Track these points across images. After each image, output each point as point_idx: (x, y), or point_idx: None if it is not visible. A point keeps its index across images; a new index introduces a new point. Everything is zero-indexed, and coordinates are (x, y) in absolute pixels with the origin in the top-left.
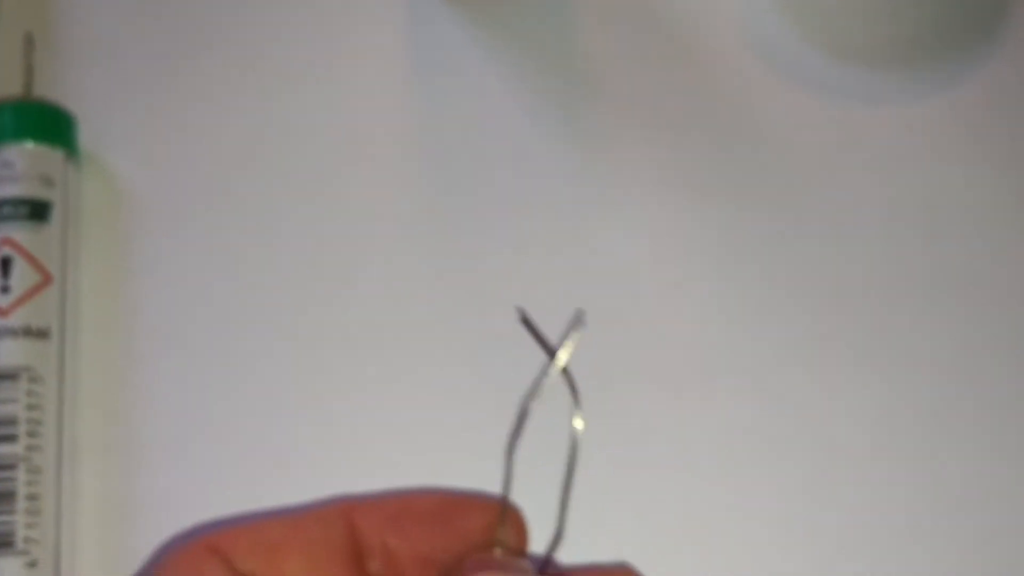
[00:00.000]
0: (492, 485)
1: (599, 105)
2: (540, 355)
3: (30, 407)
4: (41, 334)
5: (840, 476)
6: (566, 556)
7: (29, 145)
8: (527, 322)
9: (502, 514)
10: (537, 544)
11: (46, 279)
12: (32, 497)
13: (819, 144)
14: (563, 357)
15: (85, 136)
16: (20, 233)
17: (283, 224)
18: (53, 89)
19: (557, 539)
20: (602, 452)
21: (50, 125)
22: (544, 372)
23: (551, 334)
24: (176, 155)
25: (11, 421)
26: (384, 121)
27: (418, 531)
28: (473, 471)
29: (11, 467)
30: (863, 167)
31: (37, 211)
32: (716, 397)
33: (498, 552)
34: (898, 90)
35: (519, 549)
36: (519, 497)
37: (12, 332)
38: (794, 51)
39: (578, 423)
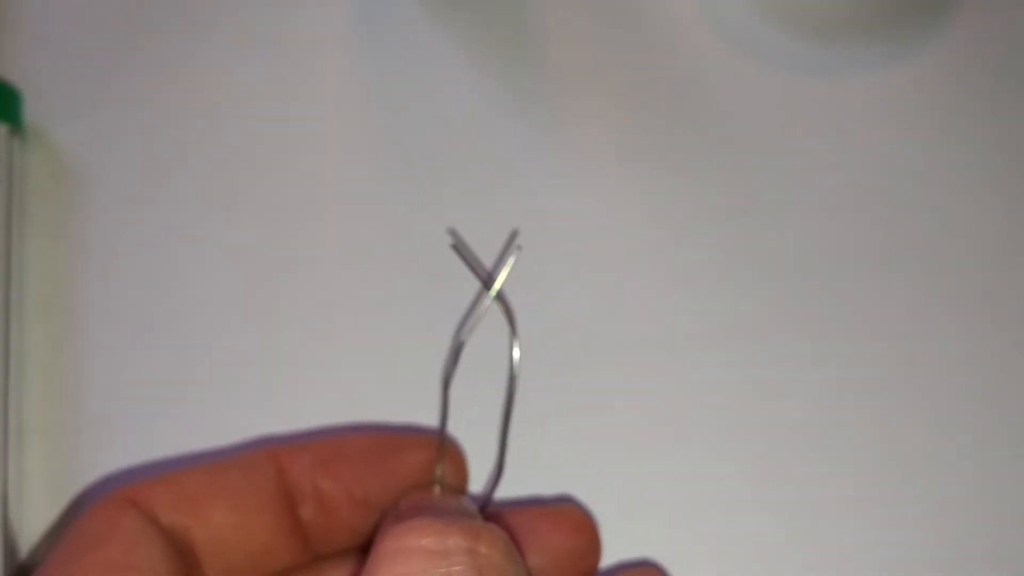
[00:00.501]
0: (430, 420)
1: (553, 79)
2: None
3: None
4: None
5: (794, 447)
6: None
7: None
8: (459, 248)
9: (440, 451)
10: (477, 482)
11: None
12: None
13: (776, 116)
14: (497, 283)
15: (30, 111)
16: None
17: (232, 199)
18: None
19: (498, 475)
20: (558, 422)
21: None
22: (480, 300)
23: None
24: (123, 130)
25: None
26: (335, 96)
27: (351, 472)
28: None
29: None
30: (821, 139)
31: None
32: (671, 368)
33: (437, 490)
34: (855, 62)
35: (459, 487)
36: (458, 433)
37: None
38: (750, 24)
39: (515, 352)
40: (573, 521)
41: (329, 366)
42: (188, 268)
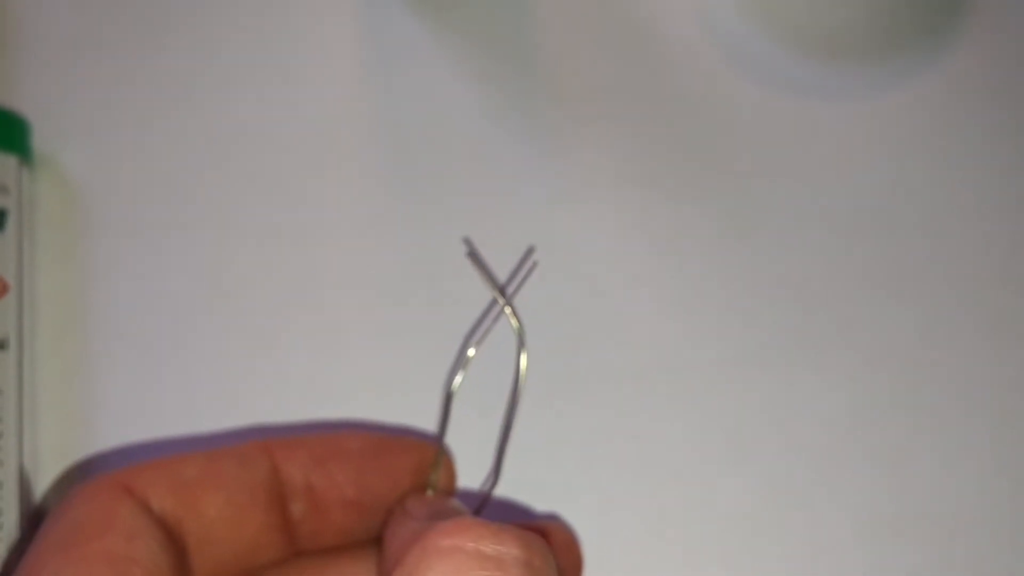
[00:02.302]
0: (429, 425)
1: (557, 100)
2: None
3: None
4: None
5: (804, 473)
6: None
7: None
8: (474, 256)
9: (437, 455)
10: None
11: (3, 288)
12: None
13: (780, 139)
14: (509, 294)
15: (39, 139)
16: None
17: (241, 225)
18: (5, 93)
19: (493, 484)
20: (564, 448)
21: (2, 131)
22: (495, 311)
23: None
24: (131, 156)
25: None
26: (341, 118)
27: (344, 472)
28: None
29: None
30: (824, 162)
31: None
32: (677, 393)
33: (430, 494)
34: (858, 85)
35: (449, 491)
36: (454, 441)
37: None
38: (754, 45)
39: (523, 361)
40: (558, 540)
41: (336, 376)
42: (200, 294)
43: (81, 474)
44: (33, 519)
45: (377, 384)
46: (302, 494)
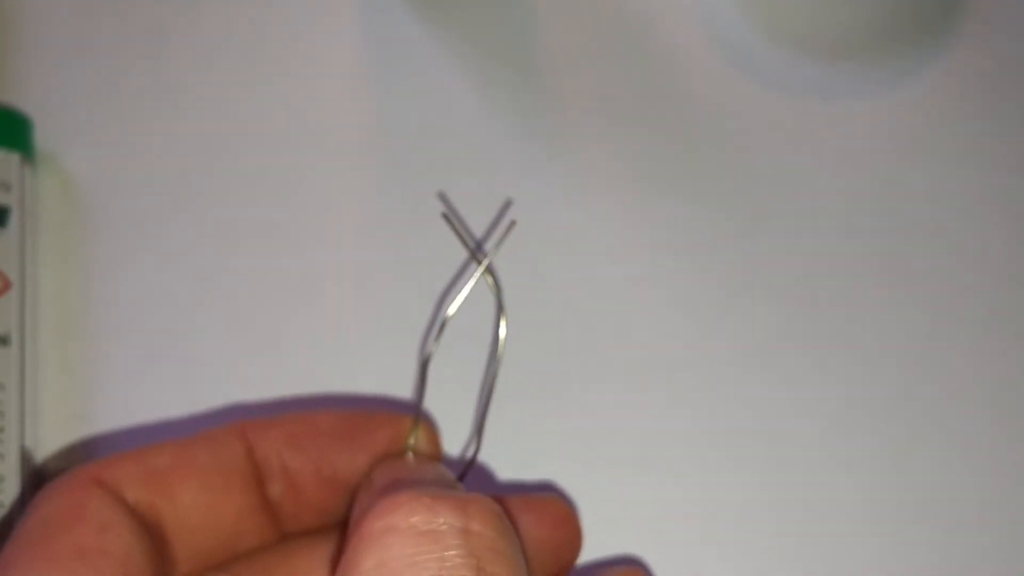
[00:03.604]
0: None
1: (559, 100)
2: None
3: None
4: (1, 341)
5: (801, 472)
6: None
7: None
8: (448, 217)
9: (414, 423)
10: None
11: (5, 285)
12: None
13: (780, 138)
14: (488, 256)
15: (41, 137)
16: None
17: (242, 223)
18: (7, 91)
19: (477, 446)
20: (563, 447)
21: (5, 129)
22: (472, 272)
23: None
24: (133, 155)
25: None
26: (342, 118)
27: (319, 449)
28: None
29: None
30: (824, 161)
31: None
32: (677, 392)
33: (410, 457)
34: (858, 85)
35: (434, 457)
36: (437, 410)
37: None
38: (754, 47)
39: (502, 328)
40: (556, 513)
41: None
42: (201, 292)
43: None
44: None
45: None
46: (278, 475)
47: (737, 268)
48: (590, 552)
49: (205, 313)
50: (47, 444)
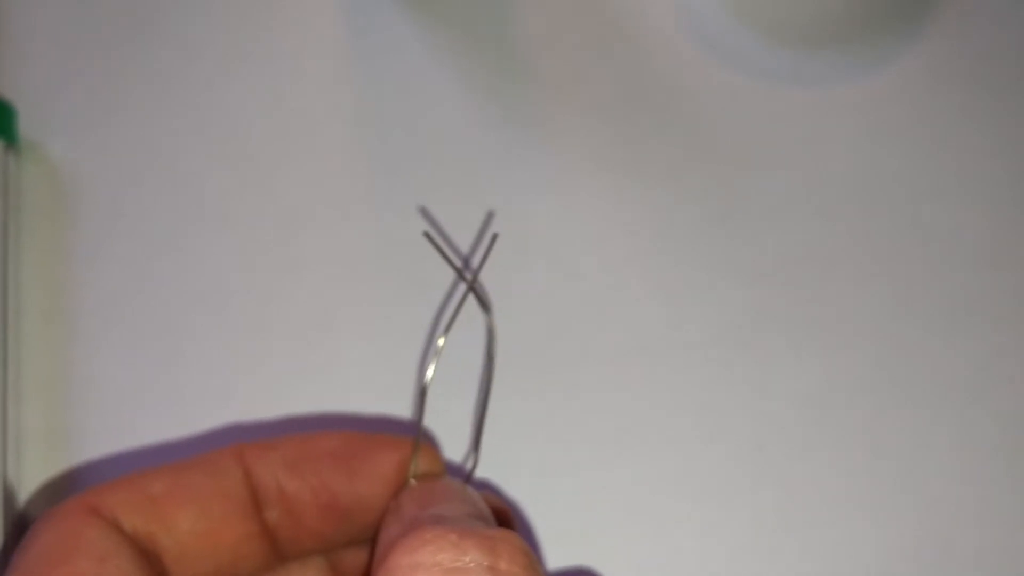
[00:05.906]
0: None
1: (536, 89)
2: None
3: None
4: None
5: (778, 452)
6: None
7: None
8: (431, 237)
9: (415, 448)
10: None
11: None
12: None
13: (756, 125)
14: (473, 271)
15: (25, 125)
16: None
17: (225, 210)
18: None
19: (475, 461)
20: (543, 431)
21: None
22: (457, 289)
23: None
24: (117, 142)
25: None
26: (323, 104)
27: (316, 475)
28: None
29: None
30: (800, 148)
31: None
32: (655, 376)
33: (412, 483)
34: (834, 71)
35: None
36: (434, 427)
37: None
38: (729, 32)
39: (493, 345)
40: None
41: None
42: (181, 276)
43: (68, 472)
44: (18, 523)
45: (351, 371)
46: (276, 500)
47: (714, 253)
48: (585, 544)
49: (189, 303)
50: (30, 425)
